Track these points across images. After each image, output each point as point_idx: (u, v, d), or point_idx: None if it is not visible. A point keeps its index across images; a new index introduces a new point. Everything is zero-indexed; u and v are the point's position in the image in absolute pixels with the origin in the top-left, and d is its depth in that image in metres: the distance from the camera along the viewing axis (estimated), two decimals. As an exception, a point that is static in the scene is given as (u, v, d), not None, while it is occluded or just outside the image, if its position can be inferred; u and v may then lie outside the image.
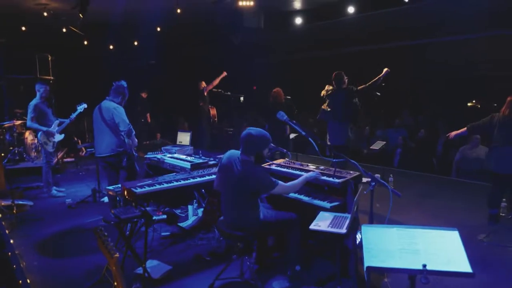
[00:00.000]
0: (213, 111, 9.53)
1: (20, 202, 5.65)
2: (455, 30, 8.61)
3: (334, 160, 3.66)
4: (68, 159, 8.97)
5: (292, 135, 7.15)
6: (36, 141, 7.45)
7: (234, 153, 3.43)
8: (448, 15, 7.73)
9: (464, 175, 7.00)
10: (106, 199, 5.83)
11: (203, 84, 9.36)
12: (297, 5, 9.16)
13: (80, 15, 7.78)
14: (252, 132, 3.31)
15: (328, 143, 5.75)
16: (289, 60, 12.77)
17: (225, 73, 9.09)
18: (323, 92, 6.00)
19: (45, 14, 8.36)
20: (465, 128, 4.95)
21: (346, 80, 5.78)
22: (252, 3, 7.77)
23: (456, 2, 7.27)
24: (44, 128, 6.08)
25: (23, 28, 9.32)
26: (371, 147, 7.10)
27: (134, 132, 4.97)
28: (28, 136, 7.77)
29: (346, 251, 3.41)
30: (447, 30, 8.84)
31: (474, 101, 11.13)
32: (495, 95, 5.70)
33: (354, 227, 3.23)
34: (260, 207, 3.40)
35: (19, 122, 7.89)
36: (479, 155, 6.79)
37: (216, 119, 9.67)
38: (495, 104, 9.49)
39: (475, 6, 6.97)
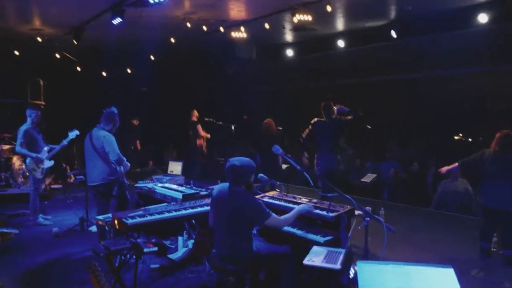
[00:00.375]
0: (200, 141, 9.48)
1: (5, 230, 5.48)
2: (445, 65, 8.89)
3: (329, 194, 3.67)
4: (56, 186, 8.75)
5: (284, 166, 7.16)
6: (23, 166, 7.31)
7: (224, 185, 3.42)
8: (437, 51, 8.00)
9: (445, 208, 7.04)
10: (94, 228, 5.69)
11: (195, 113, 9.38)
12: (288, 38, 9.43)
13: (74, 41, 7.86)
14: (236, 164, 3.28)
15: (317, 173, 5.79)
16: (281, 90, 12.94)
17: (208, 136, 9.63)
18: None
19: (39, 39, 8.41)
20: (456, 164, 5.01)
21: (335, 110, 5.88)
22: (245, 35, 7.95)
23: (439, 41, 7.56)
24: (34, 154, 5.95)
25: (16, 53, 9.34)
26: (362, 180, 7.13)
27: (125, 159, 4.94)
28: (16, 162, 7.62)
29: (340, 286, 3.37)
30: (436, 66, 9.11)
31: (461, 135, 11.32)
32: (487, 129, 5.86)
33: (348, 262, 3.21)
34: (254, 240, 3.36)
35: (7, 147, 7.76)
36: (458, 188, 6.87)
37: (204, 149, 9.63)
38: (481, 138, 9.68)
39: (464, 44, 7.27)
